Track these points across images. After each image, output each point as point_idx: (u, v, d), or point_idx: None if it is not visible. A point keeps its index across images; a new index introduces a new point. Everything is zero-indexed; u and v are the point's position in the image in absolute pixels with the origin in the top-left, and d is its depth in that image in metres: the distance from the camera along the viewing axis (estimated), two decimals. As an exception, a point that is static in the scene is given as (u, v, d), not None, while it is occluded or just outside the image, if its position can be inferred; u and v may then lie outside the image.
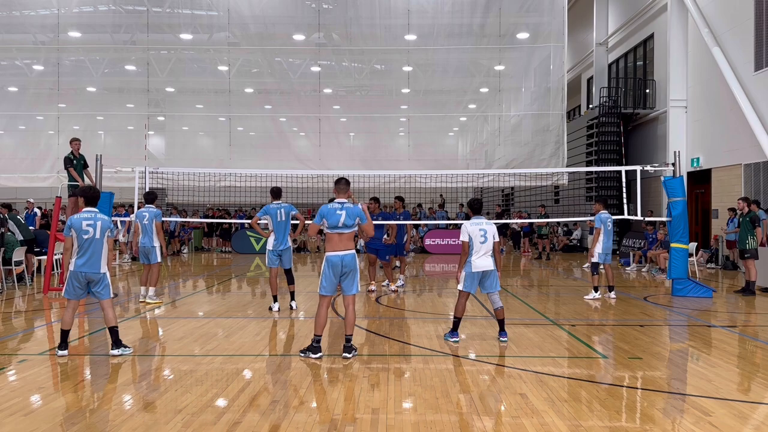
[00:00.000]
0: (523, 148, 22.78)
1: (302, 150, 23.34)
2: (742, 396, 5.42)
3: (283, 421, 4.68)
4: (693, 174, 19.33)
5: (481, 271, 7.13)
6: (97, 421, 4.73)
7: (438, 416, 4.80)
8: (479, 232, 7.13)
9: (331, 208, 6.54)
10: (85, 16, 22.99)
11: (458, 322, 7.40)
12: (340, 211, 6.49)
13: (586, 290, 13.10)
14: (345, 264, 6.50)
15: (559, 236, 23.55)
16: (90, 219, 6.62)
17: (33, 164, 22.22)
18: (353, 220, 6.52)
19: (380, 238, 11.48)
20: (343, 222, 6.47)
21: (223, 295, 11.91)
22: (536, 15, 22.07)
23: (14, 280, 12.28)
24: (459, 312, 7.36)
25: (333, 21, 23.18)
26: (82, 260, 6.55)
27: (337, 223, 6.46)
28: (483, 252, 7.12)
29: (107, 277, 6.72)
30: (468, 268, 7.15)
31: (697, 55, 19.12)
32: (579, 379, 5.90)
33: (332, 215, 6.49)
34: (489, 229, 7.20)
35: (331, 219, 6.47)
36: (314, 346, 6.56)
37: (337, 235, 6.51)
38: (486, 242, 7.12)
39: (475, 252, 7.10)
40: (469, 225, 7.18)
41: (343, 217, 6.47)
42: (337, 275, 6.52)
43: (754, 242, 11.84)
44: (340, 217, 6.47)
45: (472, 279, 7.18)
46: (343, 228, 6.49)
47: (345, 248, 6.53)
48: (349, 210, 6.52)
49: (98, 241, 6.59)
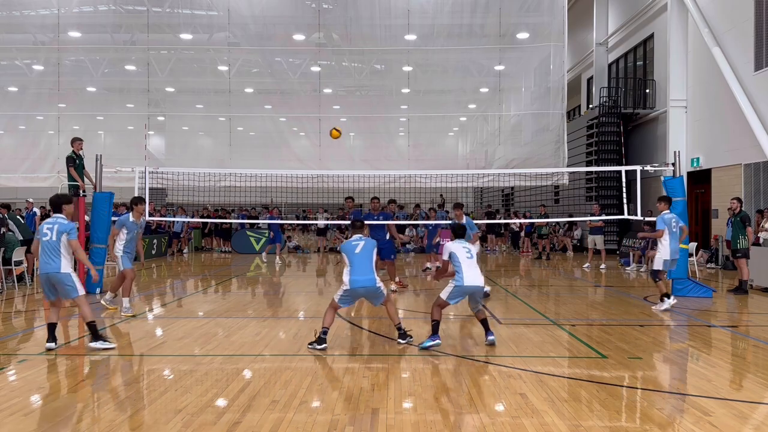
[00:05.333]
0: (523, 148, 22.77)
1: (302, 150, 23.33)
2: (742, 396, 5.42)
3: (283, 421, 4.68)
4: (693, 174, 19.33)
5: (472, 286, 6.88)
6: (97, 420, 4.73)
7: (438, 416, 4.80)
8: (463, 249, 7.06)
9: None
10: (85, 16, 22.98)
11: (437, 326, 6.97)
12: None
13: (586, 290, 13.11)
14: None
15: (560, 236, 23.54)
16: (50, 223, 6.96)
17: (33, 164, 22.20)
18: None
19: (381, 238, 11.51)
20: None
21: (223, 295, 11.91)
22: (536, 15, 22.05)
23: (14, 280, 12.28)
24: (436, 315, 7.00)
25: (333, 21, 23.17)
26: (41, 262, 6.88)
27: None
28: (473, 267, 6.96)
29: (71, 277, 6.90)
30: (459, 282, 6.86)
31: (697, 55, 19.12)
32: (579, 379, 5.90)
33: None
34: (473, 248, 7.25)
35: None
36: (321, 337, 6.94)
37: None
38: (472, 258, 7.04)
39: (465, 268, 6.90)
40: (451, 244, 7.15)
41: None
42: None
43: (745, 241, 11.92)
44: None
45: (459, 292, 6.93)
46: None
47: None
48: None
49: (53, 243, 6.83)
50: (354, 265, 6.97)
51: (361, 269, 6.95)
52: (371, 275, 6.98)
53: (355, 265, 6.97)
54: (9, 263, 12.03)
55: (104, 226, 11.76)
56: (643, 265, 16.47)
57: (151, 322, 9.09)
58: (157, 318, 9.47)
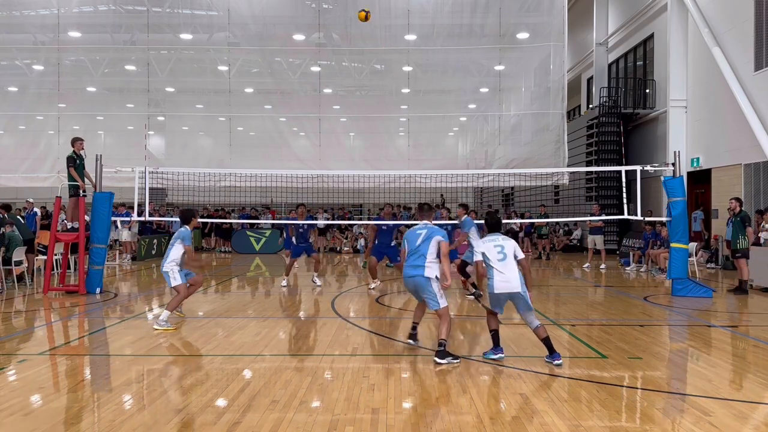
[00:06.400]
0: (523, 148, 22.75)
1: (302, 150, 23.31)
2: (742, 396, 5.42)
3: (283, 421, 4.68)
4: (693, 174, 19.32)
5: (504, 293, 6.29)
6: (97, 421, 4.73)
7: (438, 416, 4.80)
8: (495, 248, 6.38)
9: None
10: (85, 16, 22.97)
11: (496, 335, 6.52)
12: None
13: (585, 290, 13.10)
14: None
15: (560, 236, 23.54)
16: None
17: (33, 164, 22.19)
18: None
19: (387, 243, 11.94)
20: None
21: (223, 295, 11.91)
22: (536, 15, 22.04)
23: (14, 280, 12.28)
24: (492, 325, 6.54)
25: (333, 21, 23.16)
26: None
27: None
28: (505, 269, 6.28)
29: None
30: (490, 288, 6.36)
31: (697, 55, 19.12)
32: (579, 379, 5.90)
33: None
34: (507, 244, 6.43)
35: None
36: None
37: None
38: (505, 259, 6.30)
39: (495, 271, 6.29)
40: (483, 242, 6.58)
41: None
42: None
43: (745, 242, 11.92)
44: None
45: (496, 300, 6.42)
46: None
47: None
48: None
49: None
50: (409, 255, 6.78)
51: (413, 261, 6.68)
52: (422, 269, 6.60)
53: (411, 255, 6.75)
54: (9, 263, 12.03)
55: (104, 226, 11.77)
56: (643, 265, 16.47)
57: (151, 322, 9.09)
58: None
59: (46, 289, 11.50)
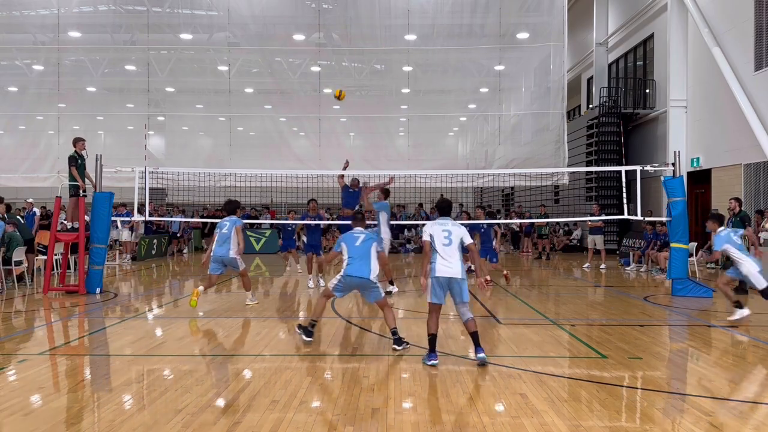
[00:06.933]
0: (523, 148, 22.75)
1: (302, 150, 23.31)
2: (742, 396, 5.43)
3: (283, 421, 4.68)
4: (693, 174, 19.32)
5: (446, 277, 6.23)
6: (97, 421, 4.73)
7: (438, 416, 4.80)
8: (442, 233, 6.34)
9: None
10: (85, 16, 22.97)
11: (433, 340, 6.36)
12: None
13: (585, 290, 13.10)
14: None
15: (560, 236, 23.54)
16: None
17: (33, 164, 22.20)
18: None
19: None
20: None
21: (223, 295, 11.91)
22: (536, 15, 22.05)
23: (14, 280, 12.28)
24: (431, 328, 6.36)
25: (333, 21, 23.16)
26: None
27: None
28: (448, 256, 6.26)
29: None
30: (432, 273, 6.27)
31: (697, 55, 19.12)
32: (579, 379, 5.90)
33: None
34: (455, 230, 6.37)
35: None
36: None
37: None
38: (451, 245, 6.28)
39: (439, 256, 6.26)
40: (431, 224, 6.46)
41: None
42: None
43: (744, 242, 11.89)
44: None
45: (439, 286, 6.28)
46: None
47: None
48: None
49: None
50: (352, 256, 7.01)
51: (358, 260, 6.97)
52: (368, 268, 6.94)
53: (353, 256, 7.00)
54: (9, 263, 12.03)
55: (104, 226, 11.77)
56: (643, 265, 16.47)
57: (151, 322, 9.10)
58: (156, 318, 9.48)
59: (46, 289, 11.50)
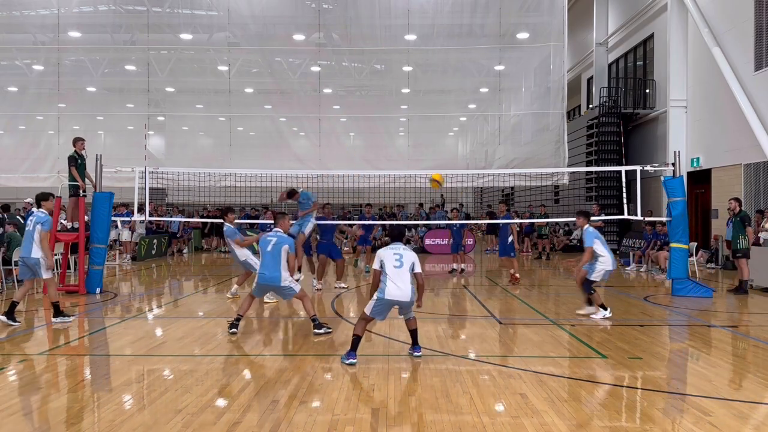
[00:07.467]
0: (523, 148, 22.76)
1: (302, 150, 23.31)
2: (742, 396, 5.42)
3: (283, 421, 4.69)
4: (693, 174, 19.32)
5: (394, 300, 6.33)
6: (97, 421, 4.73)
7: (438, 416, 4.80)
8: (393, 256, 6.42)
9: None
10: (85, 16, 22.98)
11: (357, 341, 6.43)
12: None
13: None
14: None
15: (560, 236, 23.53)
16: (31, 215, 8.85)
17: (33, 164, 22.20)
18: None
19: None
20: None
21: (222, 295, 11.90)
22: (536, 15, 22.05)
23: (14, 280, 12.27)
24: (358, 330, 6.47)
25: (333, 21, 23.16)
26: (21, 248, 8.65)
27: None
28: (398, 278, 6.34)
29: (39, 261, 8.41)
30: (380, 293, 6.34)
31: (697, 55, 19.11)
32: (579, 379, 5.90)
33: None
34: (407, 255, 6.48)
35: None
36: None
37: None
38: (401, 267, 6.37)
39: (389, 278, 6.32)
40: (383, 250, 6.56)
41: None
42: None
43: (745, 242, 11.93)
44: None
45: (382, 307, 6.39)
46: None
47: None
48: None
49: (29, 232, 8.45)
50: (264, 260, 7.67)
51: (269, 265, 7.62)
52: (277, 272, 7.58)
53: (264, 260, 7.66)
54: (9, 263, 12.02)
55: (104, 226, 11.77)
56: (643, 265, 16.47)
57: (151, 322, 9.10)
58: (156, 318, 9.48)
59: (46, 289, 11.48)
